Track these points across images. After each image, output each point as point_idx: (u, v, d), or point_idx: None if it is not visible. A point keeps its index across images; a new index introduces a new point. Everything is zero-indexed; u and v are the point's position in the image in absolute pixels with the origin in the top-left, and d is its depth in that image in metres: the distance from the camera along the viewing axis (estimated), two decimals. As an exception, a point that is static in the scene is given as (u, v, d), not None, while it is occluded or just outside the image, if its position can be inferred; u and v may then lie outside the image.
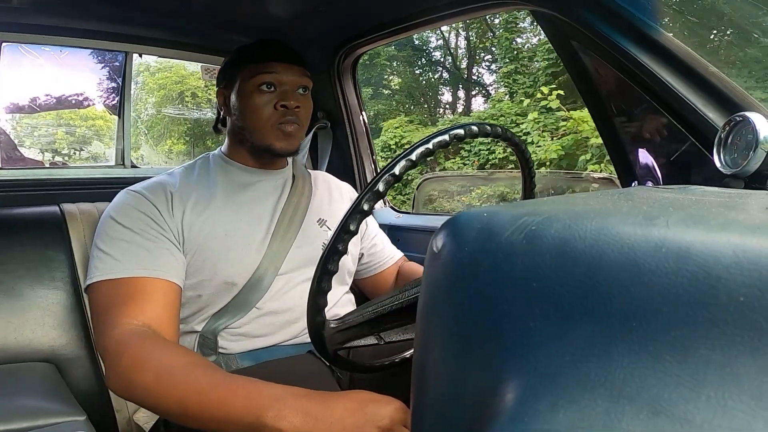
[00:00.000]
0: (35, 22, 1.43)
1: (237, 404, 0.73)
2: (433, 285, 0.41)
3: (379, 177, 0.67)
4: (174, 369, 0.79)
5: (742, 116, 0.75)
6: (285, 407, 0.71)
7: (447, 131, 0.71)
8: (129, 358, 0.83)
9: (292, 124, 1.09)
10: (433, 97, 14.93)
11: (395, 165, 0.68)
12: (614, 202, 0.44)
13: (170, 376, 0.79)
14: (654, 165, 0.94)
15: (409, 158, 0.68)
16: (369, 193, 0.67)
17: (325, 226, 1.18)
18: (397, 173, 0.68)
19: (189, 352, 0.88)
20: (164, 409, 0.80)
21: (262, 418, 0.71)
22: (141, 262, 0.96)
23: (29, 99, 2.41)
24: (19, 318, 1.12)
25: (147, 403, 0.84)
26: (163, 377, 0.79)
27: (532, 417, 0.31)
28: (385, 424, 0.69)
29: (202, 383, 0.77)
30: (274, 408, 0.71)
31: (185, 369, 0.79)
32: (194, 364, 0.81)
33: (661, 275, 0.30)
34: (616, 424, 0.28)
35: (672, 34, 0.86)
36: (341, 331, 0.73)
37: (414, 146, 0.69)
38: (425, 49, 14.53)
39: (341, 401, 0.71)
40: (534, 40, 11.43)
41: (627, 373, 0.30)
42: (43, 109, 2.98)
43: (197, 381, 0.77)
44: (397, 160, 0.68)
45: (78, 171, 1.65)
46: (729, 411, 0.27)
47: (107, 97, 1.88)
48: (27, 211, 1.25)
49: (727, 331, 0.28)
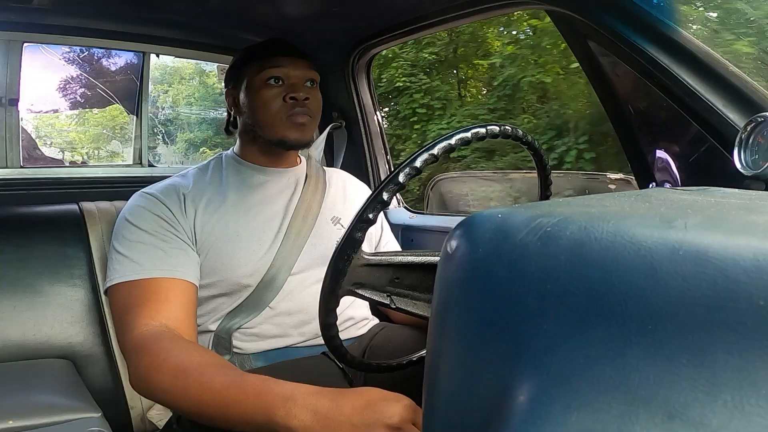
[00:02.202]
0: (55, 23, 1.45)
1: (249, 403, 0.74)
2: (447, 286, 0.41)
3: (401, 168, 0.68)
4: (190, 369, 0.81)
5: (763, 117, 0.74)
6: (295, 406, 0.71)
7: (468, 129, 0.72)
8: (147, 359, 0.85)
9: (303, 116, 1.09)
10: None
11: (417, 158, 0.68)
12: (631, 203, 0.44)
13: (186, 377, 0.80)
14: (672, 166, 0.93)
15: (432, 152, 0.69)
16: (390, 184, 0.67)
17: (339, 224, 1.18)
18: (418, 166, 0.68)
19: (205, 351, 0.89)
20: (182, 408, 0.83)
21: (273, 417, 0.71)
22: (157, 263, 0.98)
23: (50, 98, 2.46)
24: (37, 314, 1.14)
25: (166, 402, 0.87)
26: (180, 378, 0.81)
27: (545, 419, 0.31)
28: (394, 422, 0.69)
29: (216, 383, 0.78)
30: (285, 407, 0.71)
31: (200, 369, 0.81)
32: (209, 363, 0.82)
33: (678, 279, 0.30)
34: (630, 427, 0.28)
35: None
36: (369, 266, 0.73)
37: (436, 141, 0.70)
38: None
39: (351, 399, 0.71)
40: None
41: (642, 376, 0.29)
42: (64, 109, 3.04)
43: (211, 381, 0.78)
44: (419, 153, 0.69)
45: (97, 170, 1.68)
46: (746, 416, 0.26)
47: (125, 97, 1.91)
48: (47, 210, 1.27)
49: (746, 335, 0.28)
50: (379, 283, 0.75)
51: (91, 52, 2.25)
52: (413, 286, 0.77)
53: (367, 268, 0.74)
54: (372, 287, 0.75)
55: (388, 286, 0.76)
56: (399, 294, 0.77)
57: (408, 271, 0.76)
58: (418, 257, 0.76)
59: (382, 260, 0.75)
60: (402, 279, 0.76)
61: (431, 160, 0.69)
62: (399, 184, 0.68)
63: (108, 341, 1.16)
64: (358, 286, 0.74)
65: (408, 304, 0.77)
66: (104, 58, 2.24)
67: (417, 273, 0.76)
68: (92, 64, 2.46)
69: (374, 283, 0.75)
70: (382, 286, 0.76)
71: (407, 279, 0.76)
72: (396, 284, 0.76)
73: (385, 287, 0.76)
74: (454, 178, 2.38)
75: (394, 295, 0.77)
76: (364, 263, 0.73)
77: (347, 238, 0.69)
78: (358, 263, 0.72)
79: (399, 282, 0.76)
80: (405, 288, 0.76)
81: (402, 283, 0.76)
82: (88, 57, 2.22)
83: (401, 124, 7.25)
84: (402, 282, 0.76)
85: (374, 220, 0.69)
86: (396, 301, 0.77)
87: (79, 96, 2.42)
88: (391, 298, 0.77)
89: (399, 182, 0.68)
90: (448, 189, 2.02)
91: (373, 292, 0.76)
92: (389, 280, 0.76)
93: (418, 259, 0.76)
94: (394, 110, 7.35)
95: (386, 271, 0.75)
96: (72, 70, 2.25)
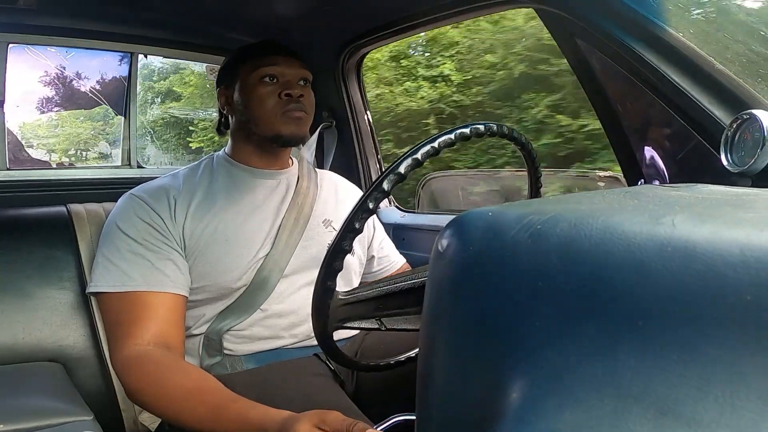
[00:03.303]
0: (41, 23, 1.44)
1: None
2: (439, 284, 0.41)
3: (384, 175, 0.67)
4: (174, 397, 0.89)
5: (749, 114, 0.75)
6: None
7: (453, 131, 0.71)
8: (136, 381, 0.93)
9: (298, 111, 1.10)
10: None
11: (401, 163, 0.68)
12: (620, 201, 0.44)
13: (171, 402, 0.89)
14: (660, 163, 0.94)
15: (415, 157, 0.68)
16: (375, 192, 0.67)
17: (330, 227, 1.18)
18: (402, 172, 0.68)
19: (188, 374, 0.92)
20: (173, 424, 0.92)
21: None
22: (146, 274, 0.99)
23: (36, 100, 2.44)
24: (26, 318, 1.12)
25: (158, 417, 1.00)
26: (165, 403, 0.89)
27: (538, 417, 0.31)
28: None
29: (199, 412, 0.86)
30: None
31: (185, 395, 0.88)
32: (191, 390, 0.88)
33: (667, 274, 0.30)
34: (623, 424, 0.28)
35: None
36: (348, 304, 0.73)
37: (419, 145, 0.69)
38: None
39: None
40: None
41: (633, 372, 0.29)
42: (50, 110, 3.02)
43: (194, 410, 0.86)
44: (403, 158, 0.68)
45: (85, 171, 1.66)
46: (737, 411, 0.26)
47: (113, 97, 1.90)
48: (34, 212, 1.25)
49: (735, 330, 0.28)
50: (365, 313, 0.74)
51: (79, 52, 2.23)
52: (400, 306, 0.75)
53: (348, 307, 0.73)
54: (359, 318, 0.75)
55: (375, 312, 0.75)
56: (387, 316, 0.75)
57: (389, 298, 0.74)
58: (397, 284, 0.74)
59: (360, 296, 0.73)
60: (386, 304, 0.74)
61: (415, 164, 0.68)
62: (384, 192, 0.67)
63: (99, 344, 1.15)
64: (344, 321, 0.74)
65: (399, 322, 0.76)
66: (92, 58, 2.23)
67: (399, 297, 0.74)
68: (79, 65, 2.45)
69: (360, 315, 0.74)
70: (369, 315, 0.75)
71: (391, 303, 0.74)
72: (381, 309, 0.75)
73: (371, 314, 0.75)
74: (445, 176, 2.38)
75: (383, 318, 0.76)
76: (342, 303, 0.73)
77: (336, 244, 0.68)
78: (336, 304, 0.72)
79: (384, 307, 0.74)
80: (392, 310, 0.75)
81: (387, 307, 0.75)
82: (75, 57, 2.21)
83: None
84: (387, 306, 0.75)
85: (360, 230, 0.68)
86: (386, 323, 0.76)
87: (66, 97, 2.40)
88: (380, 321, 0.76)
89: (383, 189, 0.67)
90: (439, 187, 2.02)
91: (361, 322, 0.75)
92: (374, 308, 0.74)
93: (397, 287, 0.74)
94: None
95: (368, 303, 0.74)
96: (58, 70, 2.24)
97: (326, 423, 0.74)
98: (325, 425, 0.74)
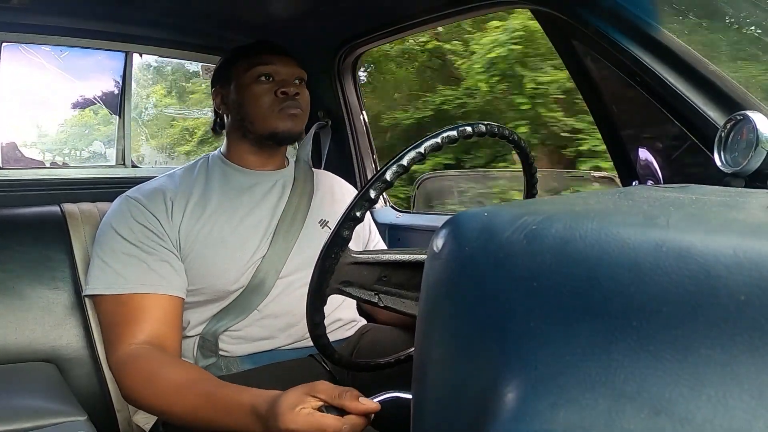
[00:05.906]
0: (35, 22, 1.43)
1: (221, 417, 0.83)
2: (434, 285, 0.41)
3: (388, 166, 0.68)
4: (167, 390, 0.89)
5: (742, 115, 0.75)
6: (258, 419, 0.79)
7: (455, 128, 0.73)
8: (130, 379, 0.93)
9: (294, 108, 1.10)
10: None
11: (404, 156, 0.69)
12: (615, 201, 0.44)
13: (166, 397, 0.89)
14: (655, 164, 0.94)
15: (419, 150, 0.69)
16: (377, 181, 0.68)
17: (326, 227, 1.17)
18: (405, 164, 0.69)
19: (179, 368, 0.92)
20: (169, 421, 0.95)
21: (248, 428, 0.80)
22: (141, 277, 0.99)
23: (30, 99, 2.43)
24: (19, 318, 1.12)
25: (153, 414, 1.01)
26: (159, 397, 0.89)
27: (532, 416, 0.31)
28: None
29: (192, 402, 0.86)
30: (251, 418, 0.80)
31: (177, 388, 0.88)
32: (183, 382, 0.88)
33: (661, 275, 0.30)
34: (617, 423, 0.28)
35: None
36: (356, 264, 0.74)
37: (423, 140, 0.71)
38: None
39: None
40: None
41: (628, 372, 0.30)
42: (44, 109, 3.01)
43: (187, 400, 0.87)
44: (407, 151, 0.69)
45: (79, 171, 1.65)
46: (729, 410, 0.27)
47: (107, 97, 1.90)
48: (28, 211, 1.25)
49: (728, 330, 0.28)
50: (367, 281, 0.76)
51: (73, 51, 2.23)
52: (401, 284, 0.77)
53: (355, 266, 0.74)
54: (360, 285, 0.76)
55: (376, 284, 0.76)
56: (387, 292, 0.77)
57: (395, 269, 0.76)
58: (406, 255, 0.76)
59: (370, 258, 0.75)
60: (389, 277, 0.76)
61: (418, 158, 0.70)
62: (386, 182, 0.68)
63: (92, 344, 1.14)
64: (345, 284, 0.75)
65: (396, 302, 0.78)
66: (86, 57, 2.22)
67: (404, 271, 0.76)
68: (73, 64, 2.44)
69: (362, 281, 0.75)
70: (370, 285, 0.76)
71: (395, 277, 0.76)
72: (384, 282, 0.76)
73: (372, 285, 0.76)
74: (440, 176, 2.38)
75: (382, 294, 0.77)
76: (352, 261, 0.73)
77: (335, 236, 0.69)
78: (345, 261, 0.73)
79: (386, 280, 0.76)
80: (392, 286, 0.77)
81: (389, 281, 0.76)
82: (70, 56, 2.20)
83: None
84: (390, 280, 0.76)
85: (362, 219, 0.69)
86: (383, 299, 0.77)
87: (60, 96, 2.39)
88: (378, 296, 0.77)
89: (386, 180, 0.68)
90: (434, 187, 2.02)
91: (360, 291, 0.76)
92: (377, 278, 0.76)
93: (406, 257, 0.76)
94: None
95: (374, 269, 0.75)
96: (52, 69, 2.22)
97: (317, 391, 0.74)
98: (316, 393, 0.74)
